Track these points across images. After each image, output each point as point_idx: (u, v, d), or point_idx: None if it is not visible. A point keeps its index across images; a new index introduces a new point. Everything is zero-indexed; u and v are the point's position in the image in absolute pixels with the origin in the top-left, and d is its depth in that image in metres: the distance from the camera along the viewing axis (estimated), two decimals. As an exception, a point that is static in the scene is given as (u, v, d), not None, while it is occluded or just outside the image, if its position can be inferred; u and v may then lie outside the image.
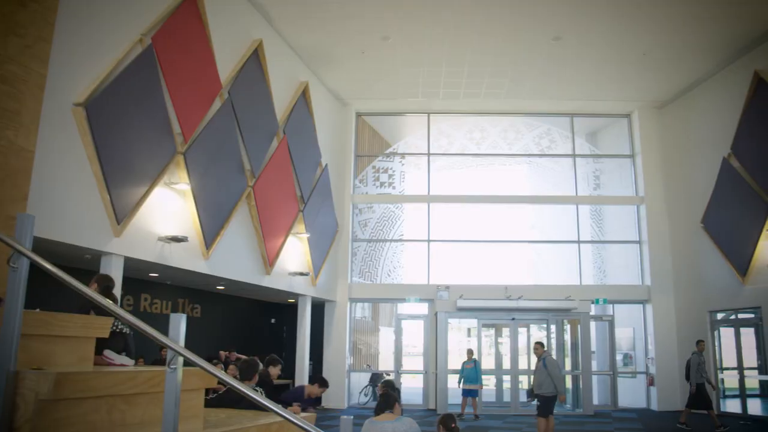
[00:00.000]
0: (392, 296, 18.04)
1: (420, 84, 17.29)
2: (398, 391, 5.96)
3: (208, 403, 4.82)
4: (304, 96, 15.47)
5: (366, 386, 18.05)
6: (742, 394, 15.54)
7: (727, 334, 16.35)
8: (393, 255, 18.47)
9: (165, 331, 2.75)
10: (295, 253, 14.83)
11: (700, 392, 12.60)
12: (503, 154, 19.21)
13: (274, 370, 7.67)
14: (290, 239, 14.47)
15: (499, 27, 14.40)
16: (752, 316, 15.40)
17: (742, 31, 14.51)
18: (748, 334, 16.02)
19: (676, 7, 13.55)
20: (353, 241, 18.34)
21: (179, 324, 2.72)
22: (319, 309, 17.27)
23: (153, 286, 13.72)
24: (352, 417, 2.75)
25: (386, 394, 5.86)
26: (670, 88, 17.61)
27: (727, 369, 16.28)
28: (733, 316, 16.09)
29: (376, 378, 18.20)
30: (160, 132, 9.68)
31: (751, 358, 16.00)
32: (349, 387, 17.55)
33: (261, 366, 15.20)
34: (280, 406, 2.53)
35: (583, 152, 19.42)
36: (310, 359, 16.27)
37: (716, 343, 16.38)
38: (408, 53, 15.60)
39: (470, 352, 15.84)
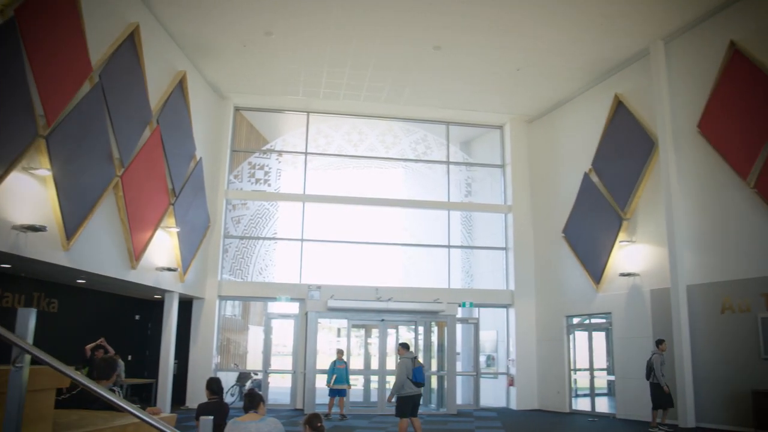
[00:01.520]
0: (263, 295, 17.81)
1: (301, 82, 17.22)
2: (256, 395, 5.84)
3: (61, 404, 4.56)
4: (180, 86, 14.97)
5: (233, 386, 17.70)
6: (592, 393, 16.64)
7: (581, 337, 17.43)
8: (265, 253, 18.24)
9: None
10: (163, 248, 14.32)
11: (660, 391, 12.75)
12: (380, 158, 19.49)
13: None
14: (159, 233, 13.95)
15: (382, 31, 14.61)
16: (604, 321, 16.54)
17: (605, 56, 15.63)
18: (600, 338, 17.21)
19: (548, 29, 14.35)
20: (225, 238, 17.94)
21: (28, 319, 2.55)
22: (186, 306, 16.76)
23: (4, 278, 12.75)
24: (212, 417, 2.70)
25: (251, 394, 5.79)
26: (540, 103, 18.58)
27: (579, 370, 17.36)
28: (587, 321, 17.18)
29: (243, 377, 17.91)
30: (19, 112, 9.02)
31: (601, 359, 17.18)
32: (214, 386, 17.12)
33: (122, 364, 14.53)
34: (136, 406, 2.44)
35: (456, 160, 20.06)
36: (176, 358, 15.76)
37: (571, 346, 17.42)
38: (290, 50, 15.49)
39: (341, 352, 15.91)
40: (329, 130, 19.29)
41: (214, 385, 7.72)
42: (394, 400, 11.30)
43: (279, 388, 18.02)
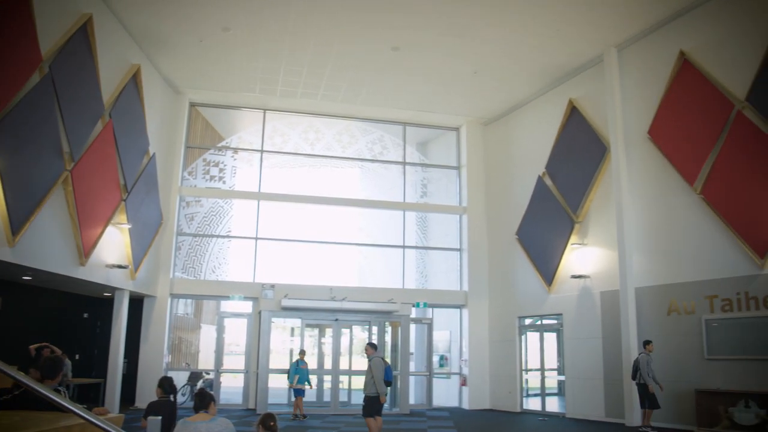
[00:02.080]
0: (216, 293, 17.58)
1: (258, 79, 17.07)
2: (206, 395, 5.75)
3: (3, 405, 4.45)
4: (134, 80, 14.70)
5: (184, 385, 17.44)
6: (543, 393, 16.89)
7: (532, 337, 17.69)
8: (219, 251, 18.02)
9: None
10: (114, 245, 14.03)
11: (646, 391, 12.67)
12: (336, 157, 19.44)
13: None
14: (110, 229, 13.67)
15: (341, 31, 14.58)
16: (555, 322, 16.80)
17: (560, 62, 15.90)
18: (551, 339, 17.49)
19: (505, 34, 14.53)
20: (178, 235, 17.67)
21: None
22: (137, 304, 16.45)
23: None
24: (160, 418, 2.66)
25: (201, 393, 5.71)
26: (496, 106, 18.79)
27: (531, 370, 17.62)
28: (538, 322, 17.43)
29: (195, 377, 17.67)
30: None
31: (552, 360, 17.46)
32: (165, 386, 16.84)
33: (68, 361, 14.20)
34: (82, 407, 2.39)
35: (413, 161, 20.15)
36: (125, 357, 15.45)
37: (523, 346, 17.66)
38: (248, 47, 15.35)
39: (303, 352, 15.75)
40: (286, 128, 19.16)
41: (165, 384, 7.60)
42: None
43: (231, 387, 17.82)
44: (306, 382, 15.39)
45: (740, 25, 12.45)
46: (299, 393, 15.35)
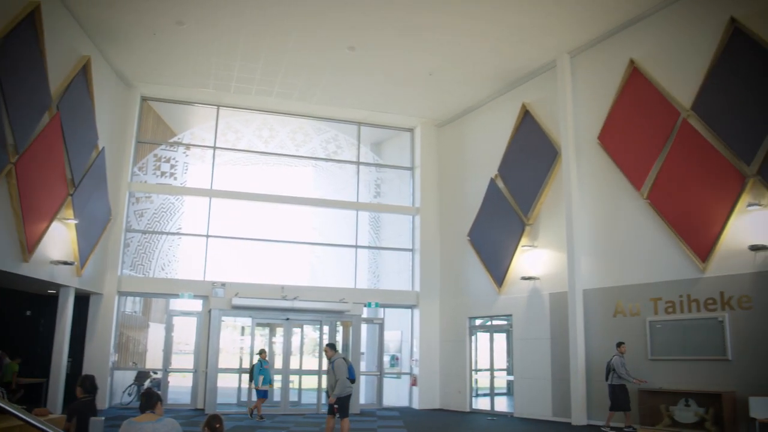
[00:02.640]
0: (165, 291, 17.25)
1: (212, 75, 16.86)
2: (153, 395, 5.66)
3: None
4: (84, 72, 14.34)
5: (130, 385, 17.13)
6: (492, 393, 17.10)
7: (482, 338, 17.88)
8: (169, 248, 17.71)
9: None
10: (59, 240, 13.67)
11: (622, 393, 12.66)
12: (290, 155, 19.31)
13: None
14: (55, 224, 13.31)
15: (297, 28, 14.50)
16: (504, 322, 17.01)
17: (514, 66, 16.13)
18: (500, 339, 17.73)
19: (461, 37, 14.67)
20: (127, 231, 17.31)
21: None
22: (83, 302, 16.05)
23: None
24: (103, 419, 2.61)
25: (148, 393, 5.62)
26: (450, 108, 18.94)
27: (480, 370, 17.81)
28: (488, 322, 17.63)
29: (142, 376, 17.35)
30: None
31: (501, 360, 17.69)
32: (111, 386, 16.51)
33: (8, 361, 13.81)
34: (21, 408, 2.32)
35: (367, 161, 20.17)
36: (70, 356, 15.05)
37: (473, 347, 17.84)
38: (202, 42, 15.14)
39: (264, 352, 15.58)
40: (239, 125, 18.96)
41: (87, 383, 7.43)
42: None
43: (179, 387, 17.56)
44: (270, 383, 15.25)
45: (687, 36, 12.82)
46: (263, 394, 15.17)
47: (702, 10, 12.56)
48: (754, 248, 11.12)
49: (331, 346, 11.51)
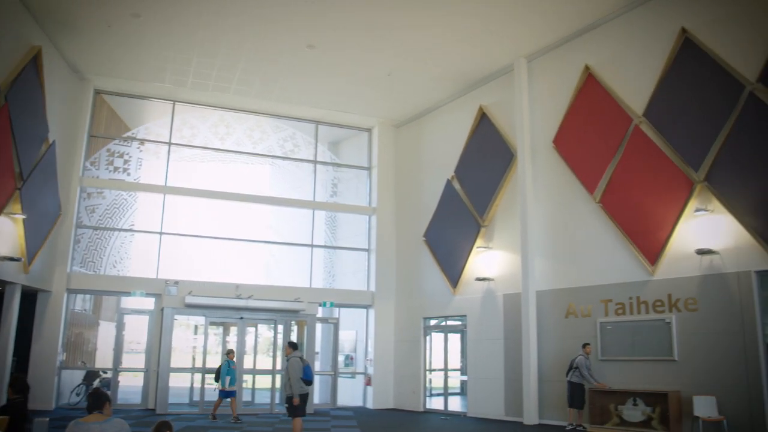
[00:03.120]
0: (117, 289, 16.88)
1: (168, 70, 16.60)
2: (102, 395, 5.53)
3: None
4: (35, 62, 13.94)
5: (79, 385, 16.75)
6: (446, 392, 17.22)
7: (437, 338, 17.99)
8: (121, 245, 17.35)
9: None
10: (6, 236, 13.26)
11: (580, 391, 12.82)
12: (247, 153, 19.13)
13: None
14: (2, 219, 12.91)
15: (256, 25, 14.38)
16: (459, 323, 17.15)
17: (472, 69, 16.29)
18: (455, 339, 17.87)
19: (420, 38, 14.76)
20: (77, 227, 16.90)
21: None
22: (30, 299, 15.61)
23: None
24: (48, 419, 2.54)
25: (96, 393, 5.48)
26: (408, 109, 19.03)
27: (434, 370, 17.91)
28: (443, 323, 17.74)
29: (91, 376, 16.98)
30: None
31: (455, 360, 17.83)
32: (59, 386, 16.08)
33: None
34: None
35: (324, 160, 20.11)
36: (15, 355, 14.61)
37: (427, 347, 17.94)
38: (159, 35, 14.90)
39: (231, 352, 15.34)
40: (195, 121, 18.70)
41: (17, 384, 7.27)
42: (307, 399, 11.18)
43: (130, 387, 17.23)
44: (234, 384, 15.00)
45: (641, 45, 13.13)
46: (231, 395, 14.91)
47: (655, 20, 12.88)
48: (701, 252, 11.44)
49: (291, 344, 11.45)
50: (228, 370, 14.86)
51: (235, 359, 15.36)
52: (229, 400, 14.95)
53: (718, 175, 11.37)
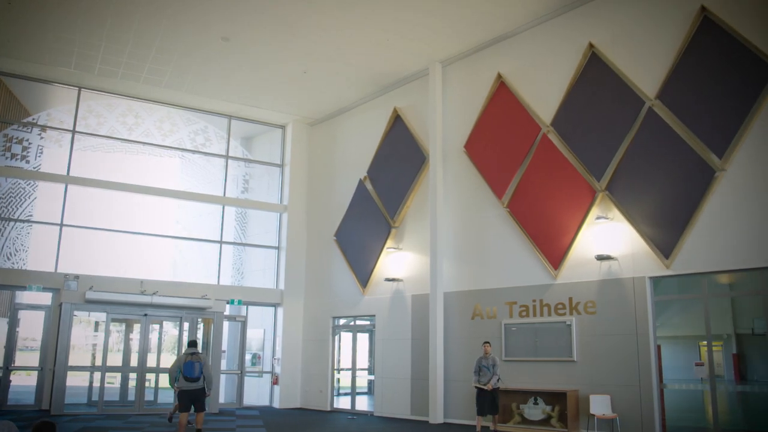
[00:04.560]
0: (11, 283, 15.98)
1: (74, 54, 15.89)
2: None
3: None
4: (-75, 40, 13.09)
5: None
6: (353, 392, 17.30)
7: (345, 338, 18.05)
8: (17, 237, 16.49)
9: None
10: None
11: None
12: (156, 144, 18.58)
13: None
14: None
15: (170, 12, 13.98)
16: (368, 323, 17.27)
17: (388, 70, 16.44)
18: (363, 339, 17.99)
19: (336, 37, 14.80)
20: (-31, 216, 15.98)
21: None
22: None
23: None
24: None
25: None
26: (323, 107, 18.99)
27: (342, 369, 17.97)
28: (352, 322, 17.82)
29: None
30: None
31: (363, 360, 17.94)
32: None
33: None
34: None
35: (236, 155, 19.80)
36: None
37: (336, 346, 17.97)
38: (65, 17, 14.21)
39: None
40: (102, 109, 17.99)
41: None
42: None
43: (23, 386, 16.41)
44: None
45: (551, 56, 13.62)
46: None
47: (564, 33, 13.40)
48: (600, 258, 11.99)
49: (190, 342, 11.84)
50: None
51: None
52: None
53: (618, 185, 11.95)
